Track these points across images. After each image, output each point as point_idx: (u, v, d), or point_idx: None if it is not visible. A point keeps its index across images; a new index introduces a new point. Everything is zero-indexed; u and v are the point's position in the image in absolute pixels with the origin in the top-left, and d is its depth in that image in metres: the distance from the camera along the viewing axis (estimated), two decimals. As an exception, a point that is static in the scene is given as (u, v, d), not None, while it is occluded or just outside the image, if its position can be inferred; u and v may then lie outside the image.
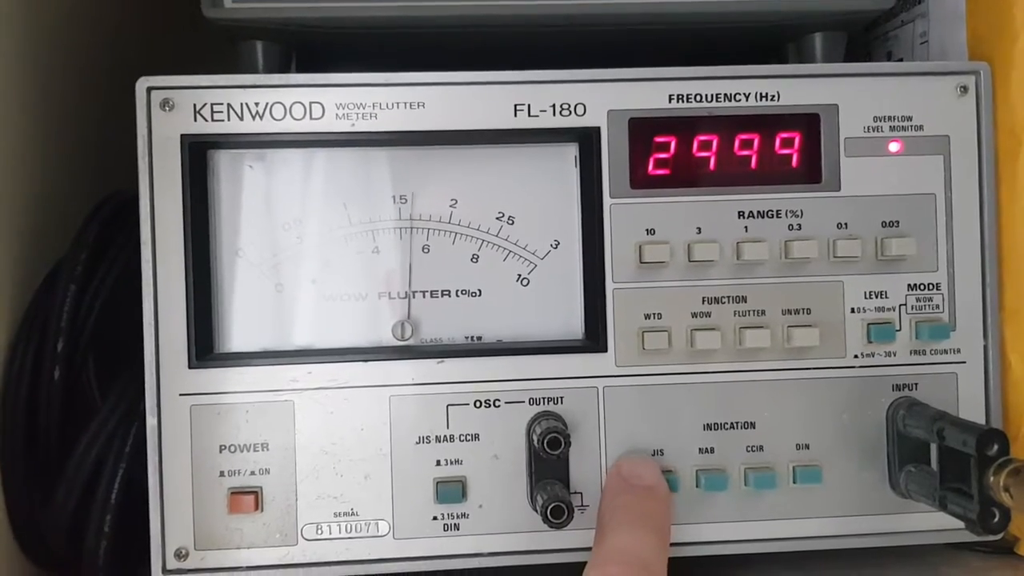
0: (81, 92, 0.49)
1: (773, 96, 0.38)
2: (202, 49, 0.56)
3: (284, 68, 0.40)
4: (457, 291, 0.39)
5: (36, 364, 0.39)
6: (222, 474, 0.37)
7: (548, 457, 0.35)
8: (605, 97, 0.38)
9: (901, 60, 0.47)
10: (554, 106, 0.38)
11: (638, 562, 0.32)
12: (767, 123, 0.38)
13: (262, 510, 0.37)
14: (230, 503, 0.36)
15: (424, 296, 0.39)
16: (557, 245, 0.39)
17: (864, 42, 0.49)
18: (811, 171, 0.39)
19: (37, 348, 0.39)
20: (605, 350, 0.38)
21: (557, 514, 0.34)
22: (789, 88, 0.38)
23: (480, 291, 0.39)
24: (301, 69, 0.42)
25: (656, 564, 0.32)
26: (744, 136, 0.38)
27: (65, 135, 0.47)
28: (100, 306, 0.40)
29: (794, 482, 0.38)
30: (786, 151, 0.39)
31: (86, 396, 0.40)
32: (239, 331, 0.38)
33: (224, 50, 0.41)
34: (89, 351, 0.40)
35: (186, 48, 0.61)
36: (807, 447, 0.38)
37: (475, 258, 0.39)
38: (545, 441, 0.35)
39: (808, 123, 0.39)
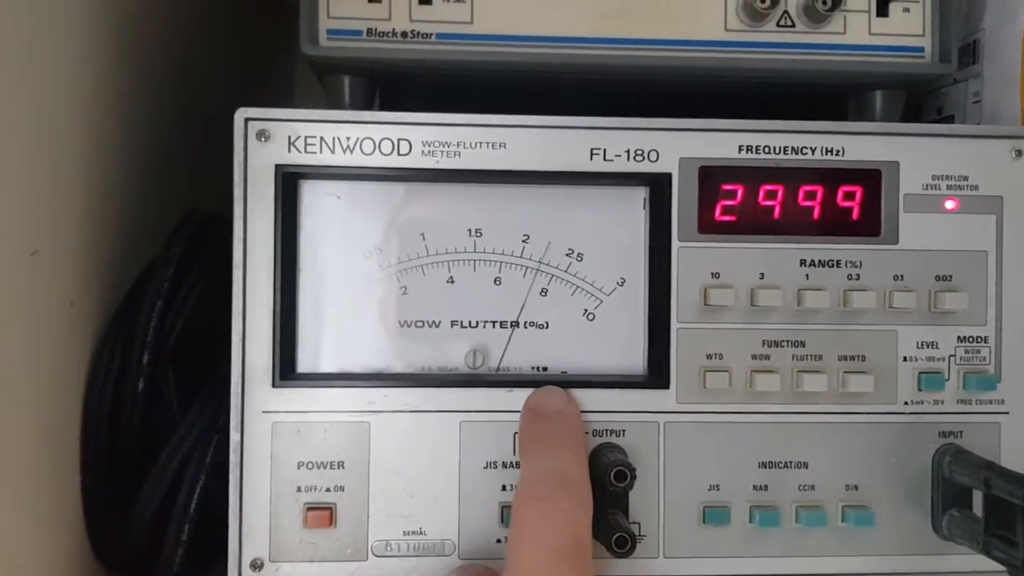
0: (170, 115, 0.51)
1: (838, 151, 0.40)
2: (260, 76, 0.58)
3: (368, 103, 0.42)
4: (526, 323, 0.41)
5: (120, 375, 0.41)
6: (299, 489, 0.38)
7: (614, 490, 0.36)
8: (677, 145, 0.40)
9: (952, 117, 0.48)
10: (628, 152, 0.40)
11: (557, 477, 0.35)
12: (831, 176, 0.40)
13: (335, 526, 0.38)
14: (307, 518, 0.38)
15: (494, 326, 0.40)
16: (623, 283, 0.41)
17: (914, 96, 0.51)
18: (871, 224, 0.40)
19: (121, 360, 0.41)
20: (667, 387, 0.40)
21: (621, 544, 0.36)
22: (854, 144, 0.40)
23: (547, 324, 0.41)
24: (384, 104, 0.44)
25: (574, 475, 0.35)
26: (808, 188, 0.40)
27: (156, 153, 0.49)
28: (183, 321, 0.42)
29: (843, 521, 0.40)
30: (848, 204, 0.40)
31: (165, 407, 0.42)
32: (320, 353, 0.39)
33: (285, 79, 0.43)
34: (170, 364, 0.42)
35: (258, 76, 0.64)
36: (856, 488, 0.40)
37: (544, 292, 0.40)
38: (612, 474, 0.36)
39: (870, 178, 0.40)
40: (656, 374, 0.40)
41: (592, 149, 0.40)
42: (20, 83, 0.35)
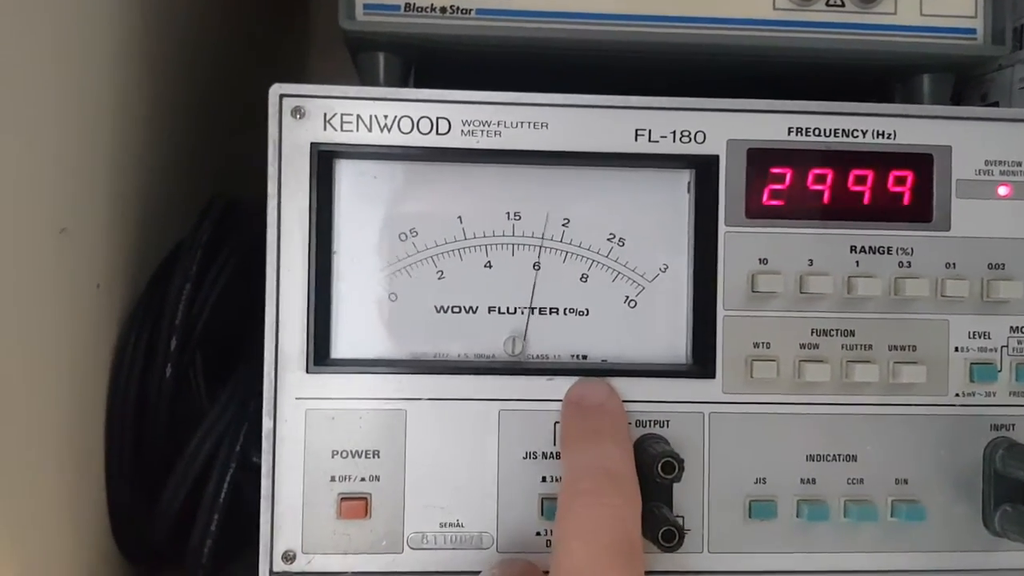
0: (196, 96, 0.50)
1: (889, 134, 0.39)
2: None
3: (403, 81, 0.41)
4: (565, 309, 0.39)
5: (147, 360, 0.39)
6: (333, 479, 0.37)
7: (662, 481, 0.35)
8: (725, 126, 0.38)
9: (997, 103, 0.47)
10: (674, 133, 0.38)
11: (603, 472, 0.34)
12: (882, 160, 0.39)
13: (370, 516, 0.37)
14: (341, 508, 0.37)
15: (533, 313, 0.39)
16: (666, 269, 0.39)
17: (959, 81, 0.49)
18: (922, 210, 0.39)
19: (148, 344, 0.40)
20: (713, 376, 0.38)
21: (669, 537, 0.34)
22: (905, 127, 0.39)
23: (588, 310, 0.39)
24: (418, 84, 0.42)
25: (621, 469, 0.34)
26: (858, 172, 0.39)
27: (182, 134, 0.48)
28: (211, 306, 0.40)
29: (892, 516, 0.39)
30: (898, 189, 0.39)
31: (191, 394, 0.40)
32: (355, 338, 0.38)
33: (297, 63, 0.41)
34: (197, 350, 0.40)
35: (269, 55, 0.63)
36: (905, 482, 0.39)
37: (584, 278, 0.39)
38: (659, 465, 0.35)
39: (921, 163, 0.39)
40: (701, 363, 0.39)
41: (637, 130, 0.38)
42: (49, 63, 0.34)
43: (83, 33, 0.37)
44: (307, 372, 0.37)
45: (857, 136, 0.39)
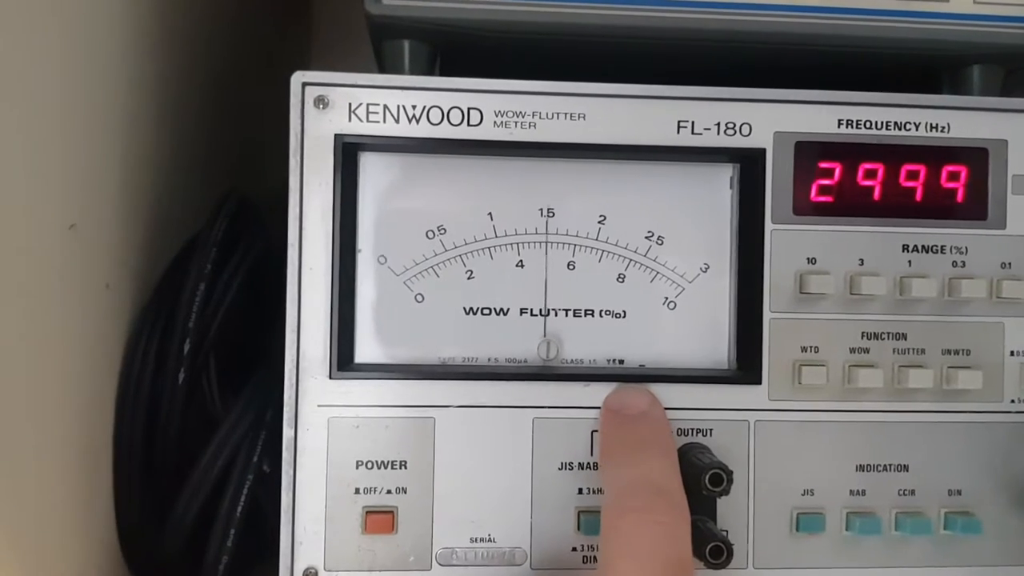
0: (207, 92, 0.48)
1: (943, 127, 0.37)
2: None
3: (428, 70, 0.39)
4: (601, 311, 0.37)
5: (159, 365, 0.37)
6: (357, 491, 0.35)
7: (709, 494, 0.33)
8: (772, 118, 0.36)
9: (1043, 97, 0.45)
10: (719, 125, 0.36)
11: (651, 486, 0.32)
12: (935, 155, 0.37)
13: (397, 531, 0.35)
14: (366, 523, 0.35)
15: (567, 315, 0.37)
16: (707, 269, 0.37)
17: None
18: (977, 207, 0.37)
19: (160, 347, 0.37)
20: (759, 382, 0.36)
21: (717, 554, 0.32)
22: (960, 120, 0.37)
23: (625, 312, 0.37)
24: (444, 73, 0.40)
25: (668, 483, 0.32)
26: (910, 167, 0.37)
27: (194, 130, 0.46)
28: (226, 307, 0.38)
29: (946, 528, 0.37)
30: (952, 185, 0.37)
31: (204, 401, 0.38)
32: (381, 342, 0.36)
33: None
34: (211, 354, 0.38)
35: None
36: (959, 493, 0.37)
37: (621, 278, 0.37)
38: (707, 477, 0.33)
39: (976, 157, 0.37)
40: (746, 368, 0.36)
41: (679, 121, 0.36)
42: (59, 56, 0.32)
43: (93, 27, 0.35)
44: (330, 378, 0.35)
45: (910, 129, 0.37)
